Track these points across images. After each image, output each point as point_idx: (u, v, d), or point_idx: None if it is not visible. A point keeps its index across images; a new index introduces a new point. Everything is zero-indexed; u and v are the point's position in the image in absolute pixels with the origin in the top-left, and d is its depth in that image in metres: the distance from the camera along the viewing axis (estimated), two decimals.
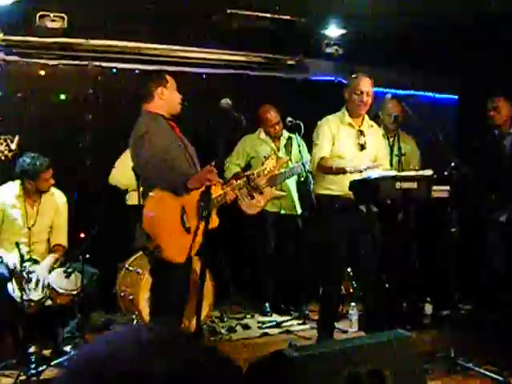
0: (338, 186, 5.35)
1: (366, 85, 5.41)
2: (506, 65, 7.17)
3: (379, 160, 5.46)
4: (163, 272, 4.44)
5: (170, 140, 4.35)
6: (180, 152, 4.36)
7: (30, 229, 5.51)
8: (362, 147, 5.39)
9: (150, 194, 4.33)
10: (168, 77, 4.48)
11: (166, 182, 4.26)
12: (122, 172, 6.38)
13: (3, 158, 4.58)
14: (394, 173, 5.19)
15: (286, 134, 6.89)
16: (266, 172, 4.55)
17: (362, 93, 5.38)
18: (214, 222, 4.39)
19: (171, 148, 4.33)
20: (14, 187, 5.55)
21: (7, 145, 4.54)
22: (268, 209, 6.78)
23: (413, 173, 5.22)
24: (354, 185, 5.07)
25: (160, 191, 4.28)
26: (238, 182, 4.41)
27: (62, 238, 5.79)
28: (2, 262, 5.20)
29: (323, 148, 5.33)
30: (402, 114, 6.23)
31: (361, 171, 5.06)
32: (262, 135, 6.90)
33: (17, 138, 4.59)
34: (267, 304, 6.90)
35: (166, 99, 4.44)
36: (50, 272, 5.34)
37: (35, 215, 5.56)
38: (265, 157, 6.67)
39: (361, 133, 5.42)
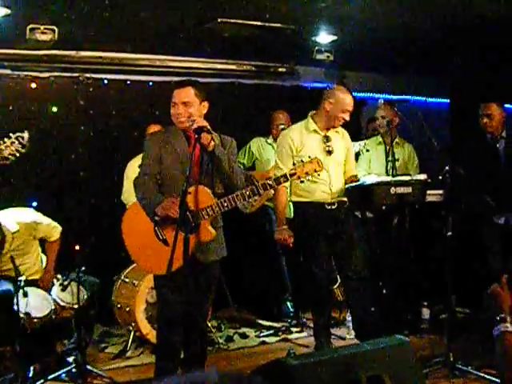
0: (310, 194, 5.38)
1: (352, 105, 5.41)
2: (496, 67, 7.21)
3: (348, 163, 5.49)
4: (155, 282, 4.51)
5: (171, 157, 4.27)
6: (175, 171, 4.25)
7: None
8: (330, 152, 5.39)
9: (129, 205, 4.45)
10: (175, 91, 4.28)
11: (142, 205, 4.29)
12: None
13: (18, 154, 4.58)
14: (388, 178, 5.19)
15: None
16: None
17: (347, 111, 5.37)
18: (207, 234, 4.20)
19: (168, 167, 4.28)
20: None
21: (20, 142, 4.54)
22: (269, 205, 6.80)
23: (407, 178, 5.22)
24: (349, 191, 5.07)
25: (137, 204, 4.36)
26: (243, 191, 4.22)
27: (52, 234, 5.58)
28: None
29: (282, 168, 5.24)
30: (395, 119, 6.25)
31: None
32: (270, 140, 6.98)
33: (26, 133, 4.58)
34: (288, 303, 6.93)
35: None
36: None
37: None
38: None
39: (327, 138, 5.42)
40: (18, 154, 4.57)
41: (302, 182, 4.41)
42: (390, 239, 6.08)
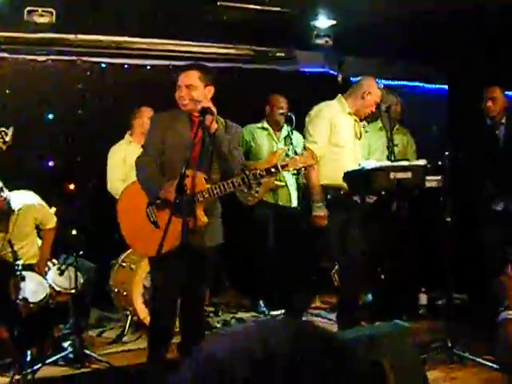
0: (331, 177, 5.32)
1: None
2: (495, 54, 7.18)
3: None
4: (150, 264, 4.58)
5: (173, 139, 4.27)
6: (177, 153, 4.23)
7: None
8: (360, 137, 5.41)
9: (126, 185, 4.60)
10: (180, 74, 4.30)
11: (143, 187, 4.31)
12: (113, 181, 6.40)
13: None
14: (388, 163, 5.18)
15: (286, 127, 6.87)
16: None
17: (376, 103, 5.50)
18: (198, 220, 4.16)
19: (170, 149, 4.28)
20: None
21: (1, 137, 4.48)
22: (267, 200, 6.74)
23: (406, 163, 5.21)
24: (348, 176, 5.05)
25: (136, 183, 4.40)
26: (234, 179, 4.22)
27: (49, 221, 5.62)
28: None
29: (319, 145, 5.27)
30: (396, 107, 6.24)
31: None
32: (265, 124, 6.91)
33: (11, 129, 4.53)
34: (261, 302, 6.82)
35: None
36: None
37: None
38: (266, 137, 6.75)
39: (356, 122, 5.43)
40: None
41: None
42: (389, 224, 6.07)
